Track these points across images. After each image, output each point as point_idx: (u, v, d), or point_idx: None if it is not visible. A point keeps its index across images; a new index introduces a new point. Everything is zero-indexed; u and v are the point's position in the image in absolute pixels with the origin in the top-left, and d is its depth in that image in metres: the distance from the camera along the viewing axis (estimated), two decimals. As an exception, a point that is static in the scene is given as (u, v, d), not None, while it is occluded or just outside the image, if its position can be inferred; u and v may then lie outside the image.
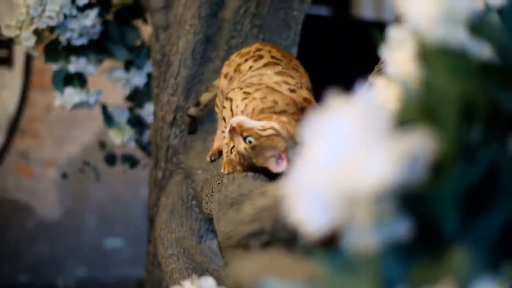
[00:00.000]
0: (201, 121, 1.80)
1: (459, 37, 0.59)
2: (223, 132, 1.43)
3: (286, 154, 1.24)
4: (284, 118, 1.31)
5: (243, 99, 1.37)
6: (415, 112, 0.57)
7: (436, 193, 0.54)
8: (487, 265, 0.53)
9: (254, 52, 1.54)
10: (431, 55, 0.58)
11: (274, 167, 1.24)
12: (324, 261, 0.54)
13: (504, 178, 0.55)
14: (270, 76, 1.42)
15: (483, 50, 0.59)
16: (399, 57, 0.63)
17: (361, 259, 0.53)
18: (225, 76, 1.56)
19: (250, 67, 1.49)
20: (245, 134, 1.27)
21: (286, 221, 0.63)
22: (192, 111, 1.75)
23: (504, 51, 0.59)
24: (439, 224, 0.54)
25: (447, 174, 0.54)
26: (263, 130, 1.26)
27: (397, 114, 0.57)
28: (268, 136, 1.25)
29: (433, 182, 0.54)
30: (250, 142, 1.26)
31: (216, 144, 1.57)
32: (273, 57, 1.50)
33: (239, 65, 1.53)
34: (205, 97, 1.73)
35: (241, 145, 1.27)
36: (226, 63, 1.61)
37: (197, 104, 1.74)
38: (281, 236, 0.89)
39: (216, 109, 1.60)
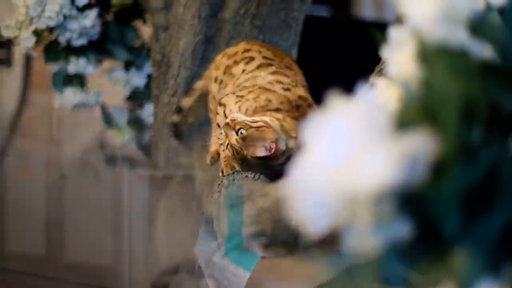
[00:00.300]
0: (189, 126, 1.76)
1: (460, 37, 0.59)
2: (219, 138, 1.43)
3: (276, 145, 1.24)
4: (278, 115, 1.31)
5: (236, 102, 1.38)
6: (415, 112, 0.57)
7: (436, 194, 0.54)
8: (488, 266, 0.52)
9: (242, 53, 1.52)
10: (432, 55, 0.58)
11: (263, 154, 1.25)
12: (325, 262, 0.54)
13: (504, 179, 0.55)
14: (264, 77, 1.43)
15: (483, 50, 0.59)
16: (399, 57, 0.63)
17: (362, 260, 0.53)
18: (215, 80, 1.55)
19: (243, 70, 1.48)
20: (237, 127, 1.28)
21: (287, 222, 0.63)
22: (175, 118, 1.70)
23: (504, 51, 0.59)
24: (439, 225, 0.54)
25: (448, 174, 0.54)
26: (254, 122, 1.27)
27: (397, 115, 0.57)
28: (258, 127, 1.26)
29: (433, 182, 0.54)
30: (241, 133, 1.27)
31: (213, 148, 1.57)
32: (265, 57, 1.50)
33: (228, 67, 1.52)
34: (186, 102, 1.69)
35: (233, 138, 1.28)
36: (213, 66, 1.59)
37: (179, 110, 1.70)
38: (281, 237, 0.89)
39: (210, 114, 1.60)
